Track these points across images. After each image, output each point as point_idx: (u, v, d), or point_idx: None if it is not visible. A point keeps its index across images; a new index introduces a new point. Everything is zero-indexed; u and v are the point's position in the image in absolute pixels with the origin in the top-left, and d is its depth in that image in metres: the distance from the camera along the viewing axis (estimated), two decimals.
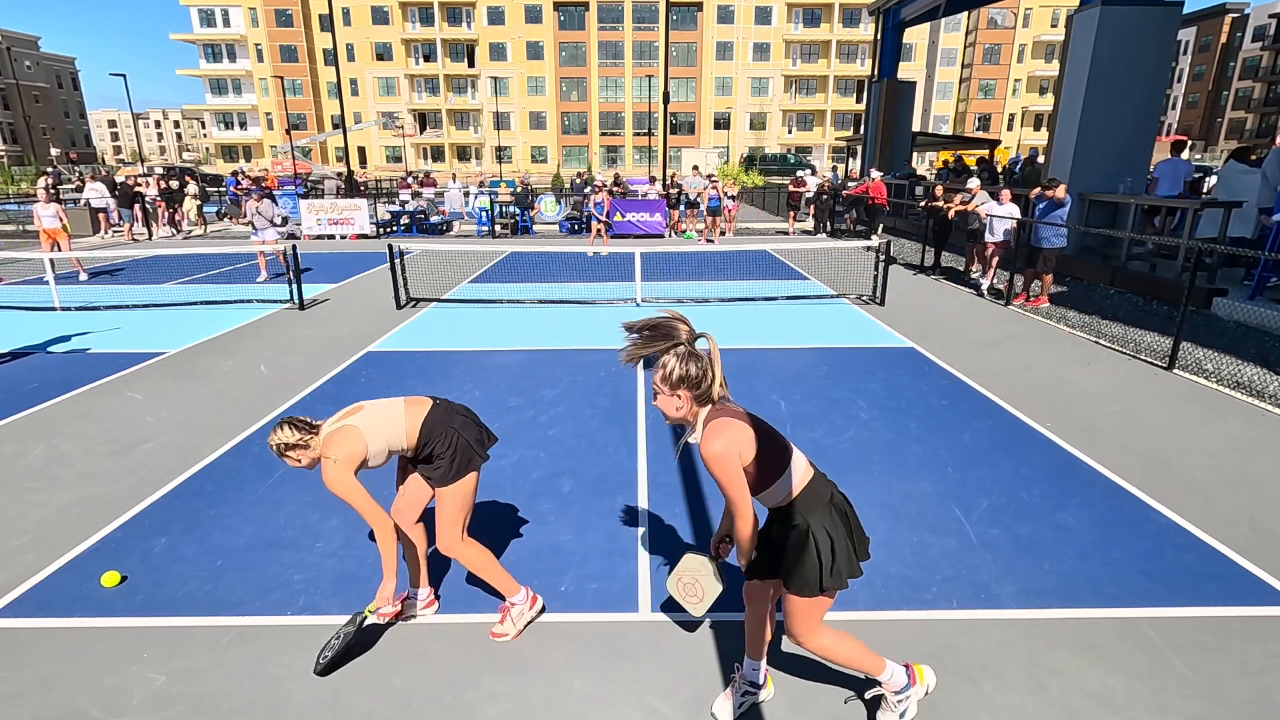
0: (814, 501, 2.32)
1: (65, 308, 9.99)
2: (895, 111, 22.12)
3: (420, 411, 2.97)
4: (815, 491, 2.33)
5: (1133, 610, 3.23)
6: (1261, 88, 67.06)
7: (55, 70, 79.61)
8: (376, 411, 2.93)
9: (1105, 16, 11.26)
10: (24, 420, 5.73)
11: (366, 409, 2.94)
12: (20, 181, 41.81)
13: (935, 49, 67.97)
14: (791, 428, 5.47)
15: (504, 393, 6.35)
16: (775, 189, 27.52)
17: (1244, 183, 10.84)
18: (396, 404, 2.99)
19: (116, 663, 2.93)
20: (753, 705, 2.69)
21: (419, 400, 3.03)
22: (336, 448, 2.80)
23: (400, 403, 3.00)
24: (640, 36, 65.79)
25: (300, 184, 27.87)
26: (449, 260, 14.53)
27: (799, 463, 2.34)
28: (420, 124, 69.35)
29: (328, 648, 2.85)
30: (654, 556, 3.71)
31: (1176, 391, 6.31)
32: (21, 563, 3.66)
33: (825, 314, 9.66)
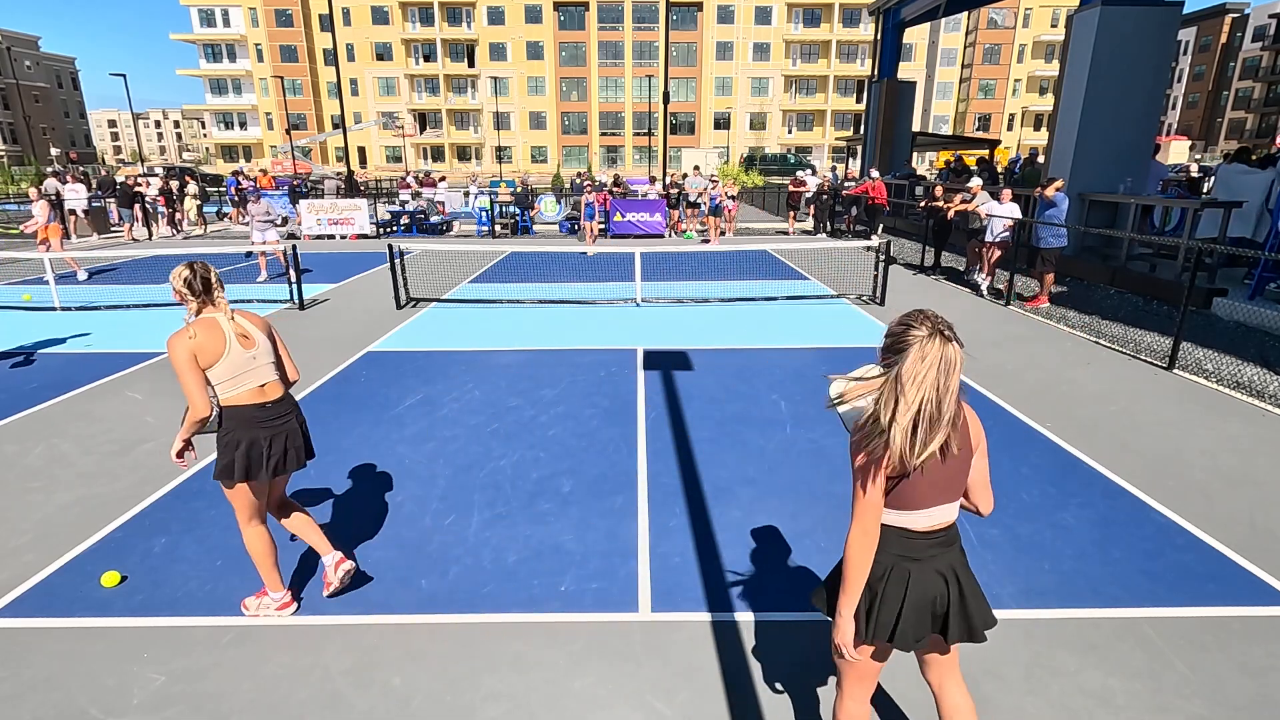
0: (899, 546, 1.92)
1: (65, 308, 9.98)
2: (895, 111, 22.11)
3: (254, 395, 2.98)
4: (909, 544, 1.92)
5: (1133, 610, 3.23)
6: (1261, 88, 67.05)
7: (55, 70, 79.58)
8: (243, 356, 2.94)
9: (1105, 16, 11.25)
10: (24, 420, 5.73)
11: (255, 346, 2.99)
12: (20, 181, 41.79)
13: (935, 49, 67.95)
14: (791, 428, 5.47)
15: (504, 393, 6.35)
16: (775, 189, 27.52)
17: (1243, 183, 10.84)
18: (259, 371, 3.00)
19: (116, 663, 2.93)
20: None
21: (273, 387, 3.05)
22: (199, 329, 2.87)
23: (262, 370, 3.01)
24: (640, 36, 65.77)
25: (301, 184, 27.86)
26: (449, 260, 14.52)
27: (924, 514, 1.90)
28: (420, 124, 69.34)
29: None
30: (654, 556, 3.71)
31: (1176, 391, 6.31)
32: (21, 563, 3.66)
33: (825, 314, 9.66)
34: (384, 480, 4.61)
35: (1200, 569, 3.56)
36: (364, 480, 4.61)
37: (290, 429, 3.10)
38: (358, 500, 4.34)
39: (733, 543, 3.83)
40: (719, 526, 4.00)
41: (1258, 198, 10.62)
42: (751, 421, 5.59)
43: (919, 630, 1.92)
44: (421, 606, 3.30)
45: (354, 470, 4.75)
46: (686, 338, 8.26)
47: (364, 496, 4.39)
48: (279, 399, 3.07)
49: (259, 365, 2.99)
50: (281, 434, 3.05)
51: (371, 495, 4.40)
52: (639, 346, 7.89)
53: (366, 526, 4.02)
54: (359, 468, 4.79)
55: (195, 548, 3.81)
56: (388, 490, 4.47)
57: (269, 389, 3.03)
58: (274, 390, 3.05)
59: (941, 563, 1.93)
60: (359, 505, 4.28)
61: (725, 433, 5.37)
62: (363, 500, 4.34)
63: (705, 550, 3.76)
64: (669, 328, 8.78)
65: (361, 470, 4.75)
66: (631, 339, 8.23)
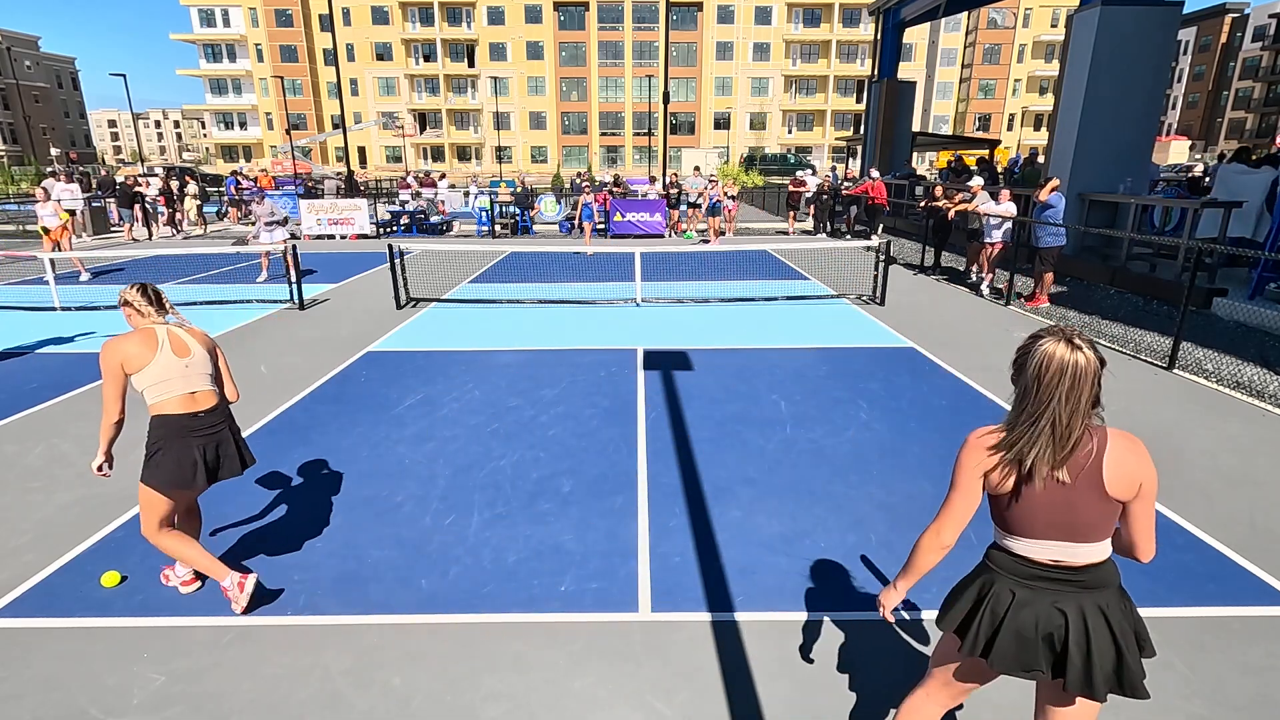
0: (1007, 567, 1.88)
1: (65, 308, 9.98)
2: (895, 111, 22.10)
3: (183, 403, 3.02)
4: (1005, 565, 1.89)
5: None
6: (1261, 88, 67.04)
7: (55, 70, 79.59)
8: (175, 362, 3.02)
9: (1105, 16, 11.26)
10: (24, 420, 5.73)
11: (189, 355, 3.06)
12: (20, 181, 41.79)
13: (935, 49, 67.94)
14: (791, 428, 5.47)
15: (504, 393, 6.35)
16: (775, 189, 27.52)
17: (1243, 183, 10.84)
18: (190, 379, 3.05)
19: (116, 663, 2.93)
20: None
21: (205, 397, 3.09)
22: (135, 337, 3.00)
23: (194, 379, 3.06)
24: (640, 36, 65.77)
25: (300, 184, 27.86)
26: (449, 260, 14.52)
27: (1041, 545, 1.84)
28: (420, 124, 69.33)
29: None
30: (654, 556, 3.71)
31: (1176, 391, 6.31)
32: (21, 563, 3.66)
33: (825, 314, 9.66)
34: (384, 480, 4.61)
35: (1200, 569, 3.56)
36: (364, 480, 4.61)
37: (222, 437, 3.15)
38: (357, 500, 4.34)
39: (733, 543, 3.83)
40: (719, 526, 4.00)
41: (1257, 198, 10.62)
42: (751, 421, 5.59)
43: (1024, 659, 1.82)
44: (421, 606, 3.30)
45: (354, 470, 4.75)
46: (686, 338, 8.26)
47: (364, 496, 4.39)
48: (211, 409, 3.11)
49: (191, 374, 3.06)
50: (213, 442, 3.11)
51: (371, 495, 4.40)
52: (639, 346, 7.89)
53: (367, 526, 4.02)
54: (359, 468, 4.79)
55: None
56: (388, 490, 4.47)
57: (200, 398, 3.08)
58: (206, 400, 3.10)
59: (1069, 601, 1.84)
60: (359, 505, 4.28)
61: (725, 433, 5.37)
62: (363, 500, 4.34)
63: (705, 550, 3.76)
64: (669, 328, 8.78)
65: (361, 470, 4.75)
66: (631, 339, 8.23)
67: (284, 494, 4.43)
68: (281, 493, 4.44)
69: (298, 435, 5.37)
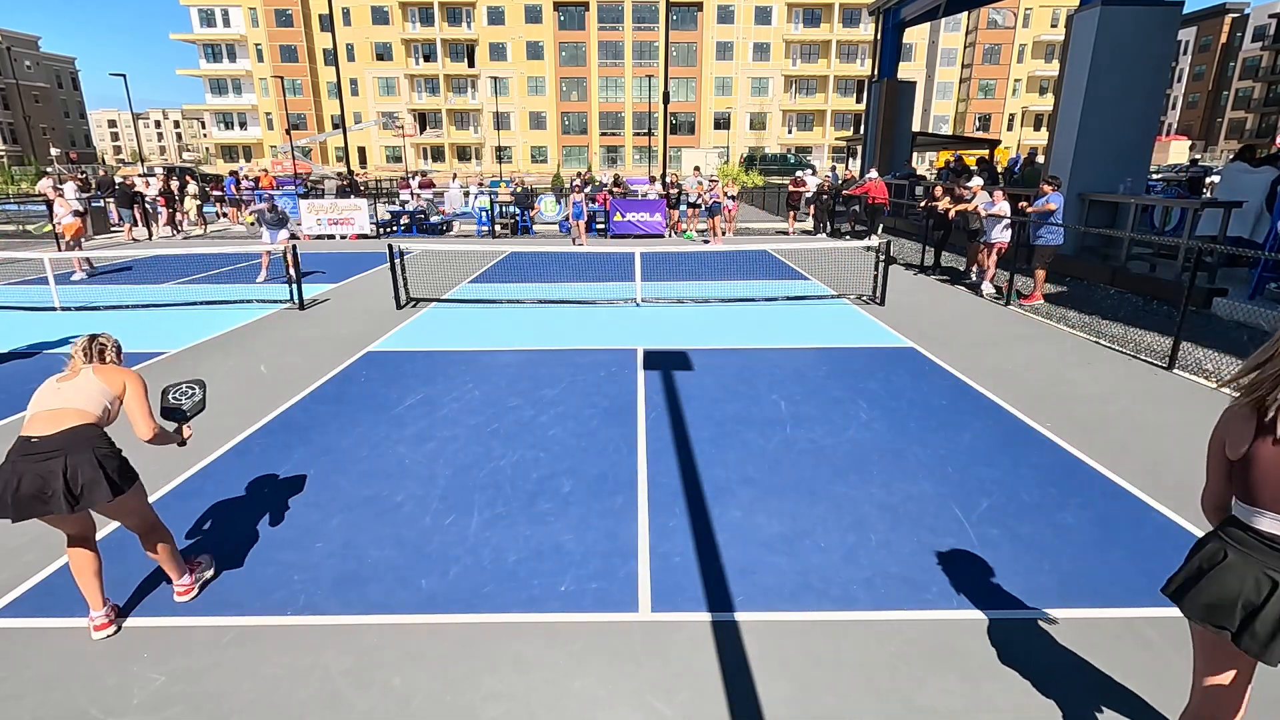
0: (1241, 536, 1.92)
1: (65, 308, 9.98)
2: (895, 111, 22.10)
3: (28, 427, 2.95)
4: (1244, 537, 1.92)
5: (1133, 610, 3.23)
6: (1261, 88, 67.02)
7: (55, 70, 79.59)
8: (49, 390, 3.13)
9: (1105, 16, 11.25)
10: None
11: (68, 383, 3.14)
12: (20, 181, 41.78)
13: (935, 49, 67.93)
14: (791, 428, 5.47)
15: (504, 393, 6.35)
16: (775, 189, 27.52)
17: (1245, 183, 10.84)
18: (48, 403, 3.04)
19: (116, 663, 2.93)
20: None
21: (49, 421, 2.94)
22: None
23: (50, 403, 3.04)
24: (640, 36, 65.75)
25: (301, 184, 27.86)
26: (449, 260, 14.52)
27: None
28: (420, 124, 69.33)
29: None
30: (654, 556, 3.71)
31: (1176, 391, 6.31)
32: (21, 563, 3.66)
33: (825, 314, 9.66)
34: (384, 480, 4.61)
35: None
36: (364, 480, 4.61)
37: (48, 470, 2.77)
38: (357, 500, 4.34)
39: (733, 543, 3.83)
40: (719, 526, 4.00)
41: (1258, 198, 10.62)
42: (751, 421, 5.59)
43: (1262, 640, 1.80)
44: (421, 606, 3.30)
45: (354, 470, 4.75)
46: (686, 338, 8.26)
47: (364, 496, 4.39)
48: (50, 435, 2.85)
49: (58, 395, 3.01)
50: (34, 474, 2.77)
51: (371, 495, 4.40)
52: (639, 346, 7.89)
53: (367, 526, 4.02)
54: (359, 468, 4.79)
55: (195, 548, 3.81)
56: (388, 490, 4.47)
57: (44, 422, 2.90)
58: (49, 425, 2.88)
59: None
60: (359, 505, 4.28)
61: (725, 433, 5.37)
62: (363, 500, 4.34)
63: (705, 550, 3.76)
64: (669, 328, 8.78)
65: (361, 470, 4.75)
66: (631, 339, 8.23)
67: (284, 494, 4.42)
68: (281, 493, 4.44)
69: (298, 435, 5.37)
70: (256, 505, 4.28)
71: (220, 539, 3.90)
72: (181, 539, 3.89)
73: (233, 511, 4.20)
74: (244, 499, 4.36)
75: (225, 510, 4.21)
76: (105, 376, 3.14)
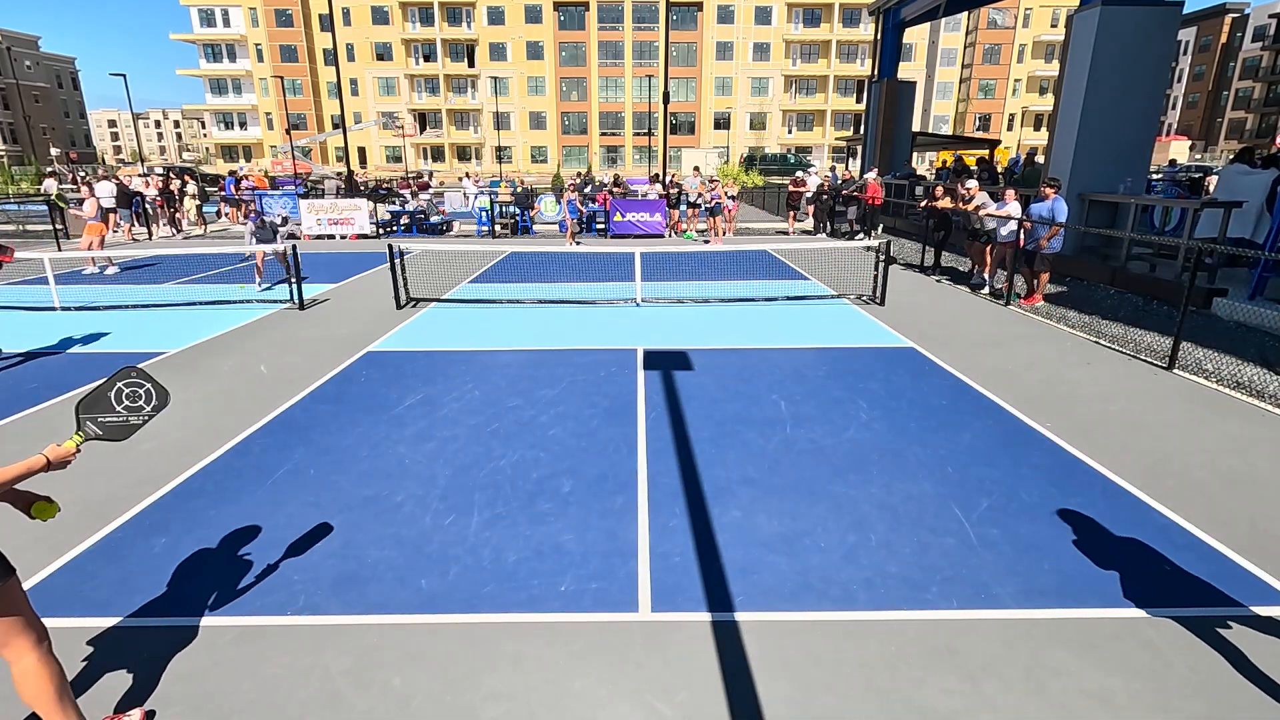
0: None
1: (65, 308, 9.98)
2: (895, 111, 22.10)
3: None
4: None
5: (1133, 610, 3.23)
6: (1261, 88, 67.03)
7: (55, 70, 79.60)
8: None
9: (1105, 16, 11.25)
10: (24, 420, 5.73)
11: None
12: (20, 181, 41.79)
13: (935, 49, 67.92)
14: (791, 428, 5.47)
15: (504, 393, 6.35)
16: (775, 189, 27.52)
17: (1244, 184, 10.84)
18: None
19: (118, 663, 2.93)
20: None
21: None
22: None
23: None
24: (640, 36, 65.75)
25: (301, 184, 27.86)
26: (449, 260, 14.52)
27: None
28: (420, 124, 69.33)
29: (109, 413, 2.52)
30: (654, 556, 3.71)
31: (1176, 391, 6.31)
32: (21, 563, 3.64)
33: (825, 314, 9.66)
34: (384, 480, 4.61)
35: (1200, 569, 3.56)
36: (364, 480, 4.61)
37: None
38: (357, 500, 4.34)
39: (733, 543, 3.83)
40: (719, 526, 4.00)
41: (1258, 198, 10.62)
42: (751, 421, 5.59)
43: None
44: (421, 606, 3.30)
45: (354, 470, 4.75)
46: (686, 338, 8.26)
47: (364, 496, 4.38)
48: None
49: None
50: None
51: (371, 495, 4.40)
52: (639, 346, 7.89)
53: (367, 526, 4.02)
54: (359, 468, 4.79)
55: (195, 548, 3.81)
56: (388, 490, 4.47)
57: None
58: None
59: None
60: (359, 505, 4.27)
61: (725, 433, 5.37)
62: (363, 500, 4.34)
63: (705, 550, 3.76)
64: (669, 328, 8.78)
65: (361, 470, 4.75)
66: (631, 339, 8.23)
67: (284, 494, 4.42)
68: (281, 493, 4.44)
69: (298, 435, 5.37)
70: (256, 505, 4.28)
71: (220, 539, 3.90)
72: (182, 538, 3.89)
73: (233, 512, 4.20)
74: (244, 499, 4.36)
75: (225, 510, 4.21)
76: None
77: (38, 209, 21.39)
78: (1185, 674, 2.84)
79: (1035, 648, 2.98)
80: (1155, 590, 3.38)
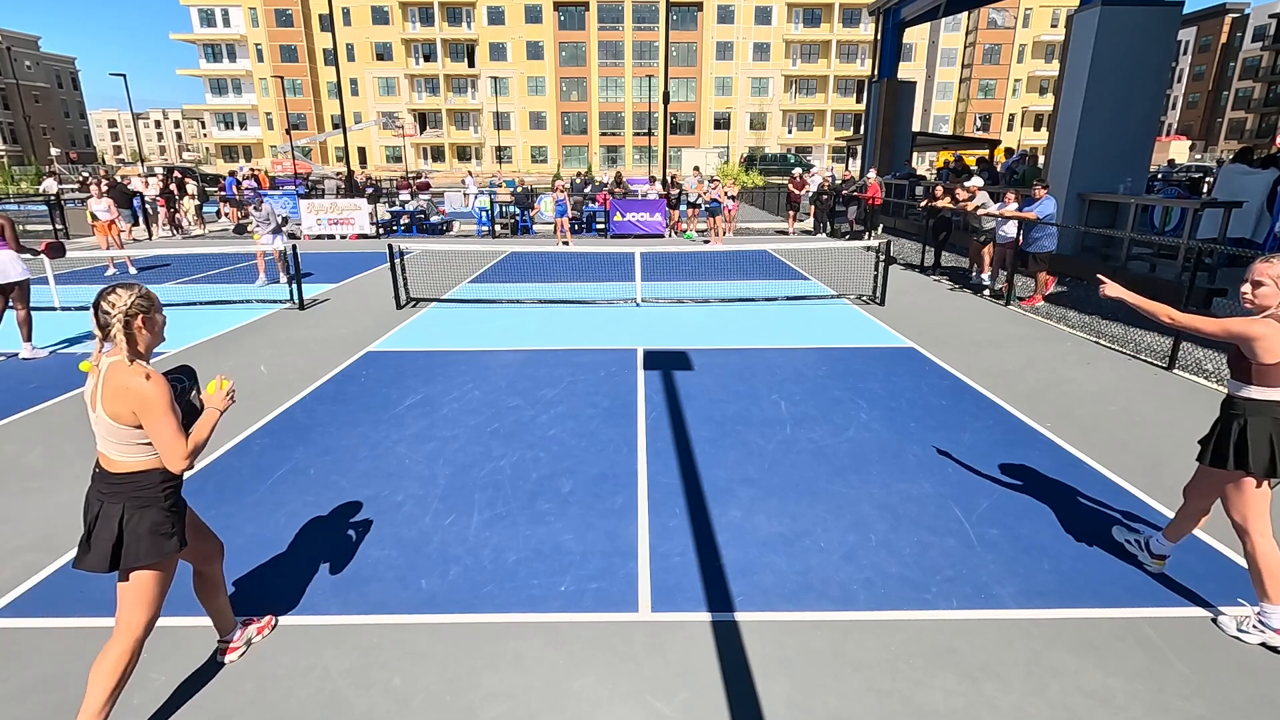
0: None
1: (65, 308, 9.98)
2: (895, 111, 22.10)
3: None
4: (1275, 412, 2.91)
5: (1133, 610, 3.23)
6: (1261, 88, 67.04)
7: (55, 70, 79.60)
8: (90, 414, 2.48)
9: (1105, 16, 11.25)
10: (24, 420, 5.73)
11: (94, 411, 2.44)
12: (20, 181, 41.79)
13: (935, 49, 67.93)
14: (791, 428, 5.47)
15: (504, 393, 6.35)
16: (775, 189, 27.52)
17: (1244, 184, 10.84)
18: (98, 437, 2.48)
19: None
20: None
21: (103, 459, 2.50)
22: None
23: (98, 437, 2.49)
24: (640, 36, 65.76)
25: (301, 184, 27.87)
26: (449, 260, 14.52)
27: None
28: (420, 124, 69.33)
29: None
30: (654, 556, 3.71)
31: (1176, 391, 6.31)
32: (21, 563, 3.66)
33: (825, 314, 9.66)
34: (384, 480, 4.61)
35: (1200, 569, 3.56)
36: (364, 480, 4.61)
37: (90, 510, 2.46)
38: (358, 500, 4.34)
39: (733, 543, 3.83)
40: (719, 526, 4.00)
41: (1258, 198, 10.62)
42: (751, 421, 5.59)
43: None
44: (421, 606, 3.30)
45: (354, 470, 4.75)
46: (686, 338, 8.26)
47: (364, 496, 4.38)
48: (100, 470, 2.49)
49: (97, 431, 2.47)
50: (93, 513, 2.44)
51: (371, 495, 4.40)
52: (639, 346, 7.89)
53: (367, 526, 4.02)
54: (359, 468, 4.79)
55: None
56: (388, 490, 4.47)
57: (101, 458, 2.50)
58: (104, 462, 2.49)
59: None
60: (359, 505, 4.27)
61: (725, 433, 5.37)
62: (363, 500, 4.34)
63: (705, 550, 3.76)
64: (669, 328, 8.78)
65: (361, 470, 4.75)
66: (631, 339, 8.23)
67: (284, 494, 4.42)
68: (281, 493, 4.44)
69: (298, 435, 5.37)
70: (256, 505, 4.28)
71: (221, 539, 3.89)
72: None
73: (233, 512, 4.20)
74: (244, 499, 4.36)
75: (225, 510, 4.21)
76: (113, 404, 2.38)
77: (38, 209, 21.38)
78: (1185, 674, 2.84)
79: (1035, 648, 2.98)
80: (1155, 590, 3.38)
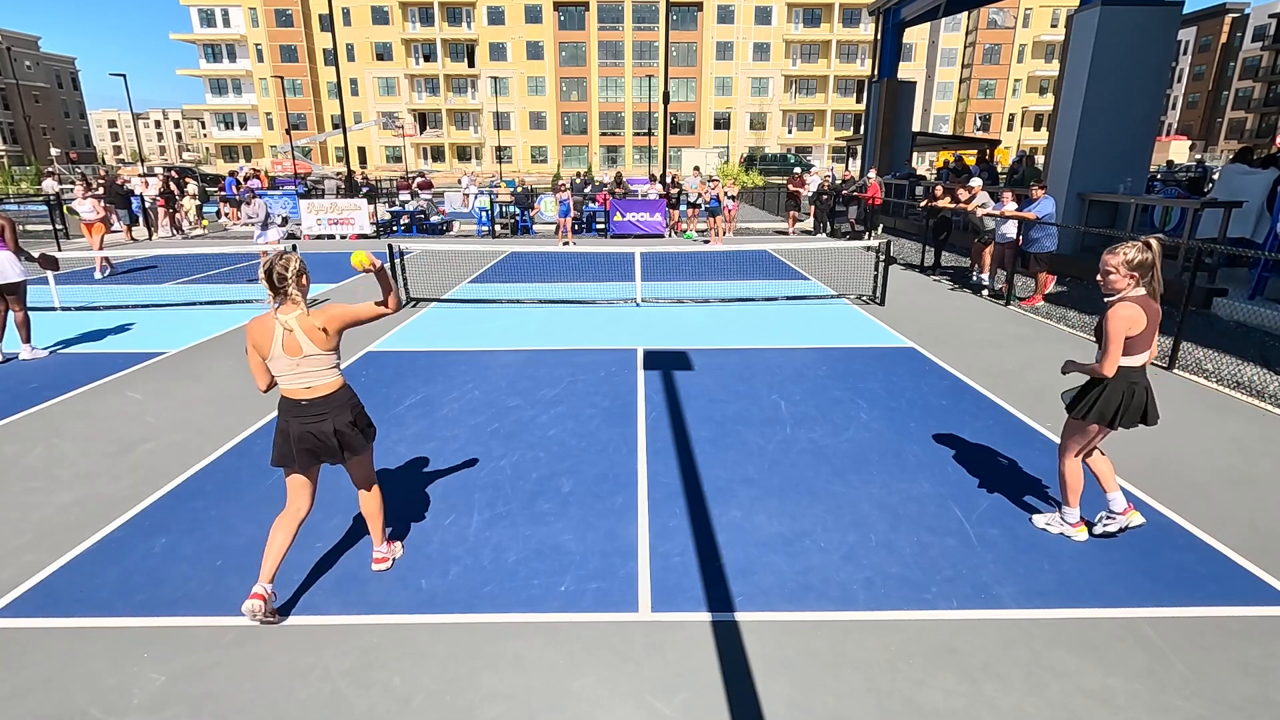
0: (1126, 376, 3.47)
1: (65, 308, 9.98)
2: (895, 111, 22.10)
3: (295, 393, 3.26)
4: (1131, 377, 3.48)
5: (1133, 610, 3.23)
6: (1261, 88, 67.04)
7: (55, 70, 79.58)
8: (286, 362, 3.19)
9: (1105, 16, 11.25)
10: (24, 420, 5.73)
11: (300, 355, 3.17)
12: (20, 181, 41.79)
13: (935, 49, 67.92)
14: (792, 428, 5.47)
15: (504, 393, 6.35)
16: (775, 189, 27.52)
17: (1244, 184, 10.84)
18: (303, 377, 3.22)
19: (116, 663, 2.93)
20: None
21: (315, 387, 3.24)
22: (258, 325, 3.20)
23: (306, 376, 3.22)
24: (640, 36, 65.76)
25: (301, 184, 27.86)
26: (449, 260, 14.52)
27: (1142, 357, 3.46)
28: (420, 124, 69.33)
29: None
30: (654, 556, 3.71)
31: (1176, 391, 6.31)
32: (21, 563, 3.66)
33: (825, 314, 9.66)
34: (383, 480, 4.61)
35: (1200, 569, 3.56)
36: None
37: (319, 429, 3.19)
38: (357, 500, 4.32)
39: (733, 543, 3.83)
40: (719, 526, 4.00)
41: (1258, 198, 10.62)
42: (751, 421, 5.59)
43: (1129, 420, 3.51)
44: (421, 606, 3.30)
45: None
46: (686, 338, 8.26)
47: None
48: (314, 399, 3.21)
49: (302, 372, 3.17)
50: (306, 431, 3.19)
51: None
52: (639, 346, 7.89)
53: (367, 526, 4.01)
54: None
55: (195, 548, 3.81)
56: (387, 490, 4.46)
57: (303, 391, 3.20)
58: (309, 393, 3.20)
59: (1145, 380, 3.54)
60: (358, 505, 4.26)
61: (725, 433, 5.37)
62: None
63: (705, 550, 3.76)
64: (669, 328, 8.78)
65: None
66: (631, 339, 8.23)
67: (284, 494, 4.40)
68: (281, 493, 4.43)
69: None
70: (257, 505, 4.28)
71: (220, 539, 3.90)
72: (182, 538, 3.90)
73: (233, 512, 4.20)
74: (244, 499, 4.36)
75: (225, 510, 4.21)
76: (317, 337, 3.14)
77: (38, 209, 21.39)
78: (1185, 674, 2.84)
79: (1035, 648, 2.98)
80: (1155, 590, 3.38)
